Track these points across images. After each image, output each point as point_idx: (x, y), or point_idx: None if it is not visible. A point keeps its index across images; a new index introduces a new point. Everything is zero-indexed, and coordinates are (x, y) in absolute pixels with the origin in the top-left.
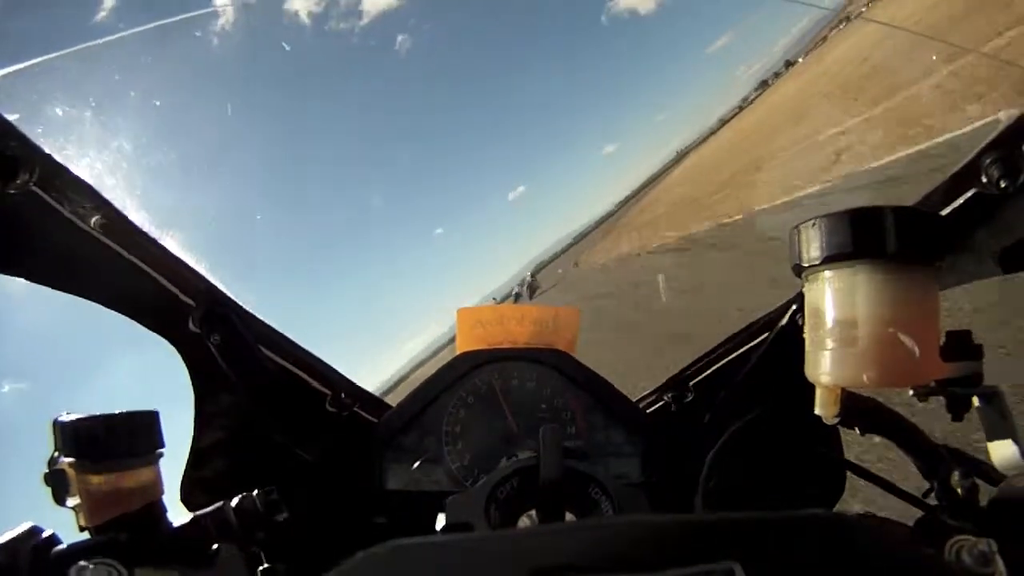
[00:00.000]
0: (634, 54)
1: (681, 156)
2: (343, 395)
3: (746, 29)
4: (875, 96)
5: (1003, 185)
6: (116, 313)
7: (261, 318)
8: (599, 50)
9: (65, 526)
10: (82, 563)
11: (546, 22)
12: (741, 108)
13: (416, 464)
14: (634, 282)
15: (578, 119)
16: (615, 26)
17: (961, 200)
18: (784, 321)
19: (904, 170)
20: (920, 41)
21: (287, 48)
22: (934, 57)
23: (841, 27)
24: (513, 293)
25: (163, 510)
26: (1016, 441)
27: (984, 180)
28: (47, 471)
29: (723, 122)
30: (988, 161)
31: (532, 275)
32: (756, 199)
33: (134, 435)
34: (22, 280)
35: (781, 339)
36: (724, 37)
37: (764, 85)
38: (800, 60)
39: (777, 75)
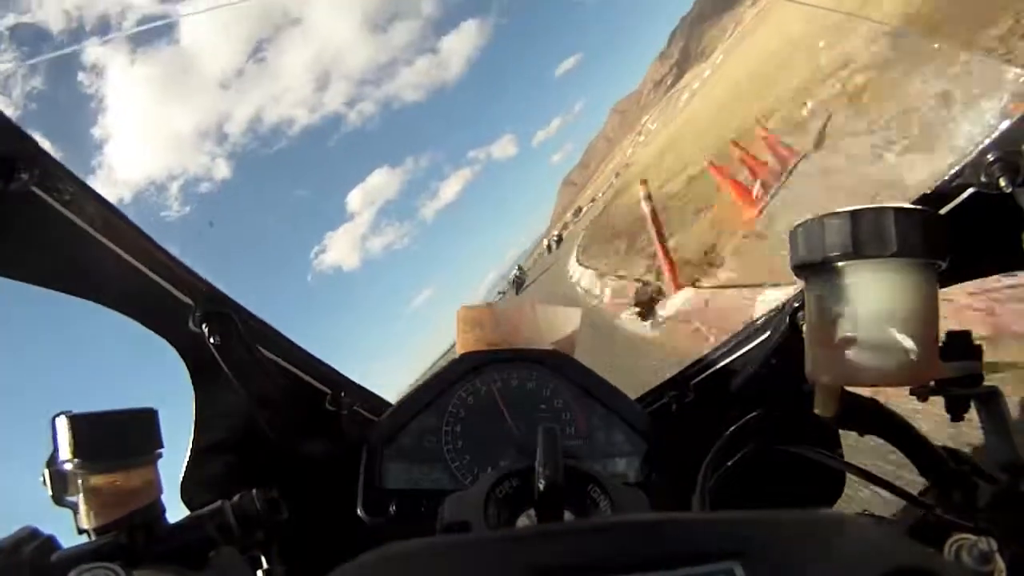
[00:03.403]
0: (339, 312)
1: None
2: (342, 394)
3: (446, 279)
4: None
5: (1003, 184)
6: (116, 313)
7: (261, 318)
8: (304, 309)
9: (64, 528)
10: (82, 566)
11: (249, 283)
12: None
13: (415, 463)
14: None
15: None
16: (320, 283)
17: (961, 199)
18: (785, 321)
19: None
20: None
21: None
22: None
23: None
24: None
25: (163, 510)
26: (1014, 441)
27: (984, 180)
28: (46, 471)
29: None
30: (988, 161)
31: (520, 268)
32: None
33: (134, 434)
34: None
35: (782, 339)
36: (427, 290)
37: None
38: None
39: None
